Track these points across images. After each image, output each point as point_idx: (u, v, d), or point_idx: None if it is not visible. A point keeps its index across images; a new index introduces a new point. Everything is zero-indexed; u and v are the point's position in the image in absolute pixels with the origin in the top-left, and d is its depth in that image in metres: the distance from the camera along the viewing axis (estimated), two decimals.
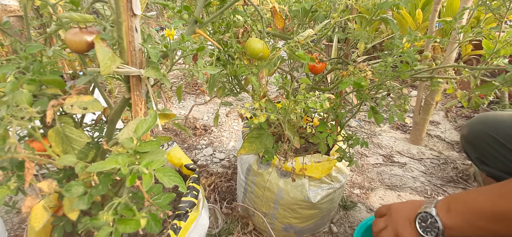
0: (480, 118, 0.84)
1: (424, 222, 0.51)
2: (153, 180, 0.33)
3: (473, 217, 0.45)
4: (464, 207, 0.47)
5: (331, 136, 0.67)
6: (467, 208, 0.46)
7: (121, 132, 0.37)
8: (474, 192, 0.49)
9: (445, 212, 0.49)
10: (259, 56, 0.54)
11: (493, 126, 0.78)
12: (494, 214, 0.43)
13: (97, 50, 0.31)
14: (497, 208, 0.43)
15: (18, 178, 0.38)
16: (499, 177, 0.80)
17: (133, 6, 0.33)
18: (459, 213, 0.47)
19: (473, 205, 0.46)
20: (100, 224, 0.32)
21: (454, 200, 0.49)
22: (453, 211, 0.48)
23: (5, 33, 0.47)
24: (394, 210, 0.57)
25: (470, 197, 0.48)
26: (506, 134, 0.73)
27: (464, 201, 0.48)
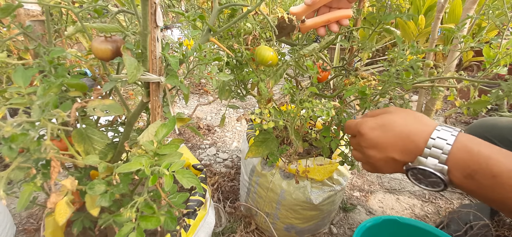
0: (480, 122, 0.87)
1: (423, 175, 0.37)
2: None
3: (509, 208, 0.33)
4: (500, 191, 0.32)
5: (334, 141, 0.69)
6: (504, 195, 0.32)
7: (142, 135, 0.39)
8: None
9: (464, 177, 0.35)
10: (268, 64, 0.57)
11: (490, 129, 0.82)
12: None
13: (124, 60, 0.33)
14: None
15: (43, 175, 0.40)
16: None
17: (157, 19, 0.36)
18: (488, 191, 0.33)
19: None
20: (123, 220, 0.35)
21: (490, 177, 0.33)
22: (479, 183, 0.34)
23: (28, 37, 0.49)
24: (371, 142, 0.41)
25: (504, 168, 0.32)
26: (501, 136, 0.77)
27: (506, 185, 0.32)
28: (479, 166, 0.33)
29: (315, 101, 0.51)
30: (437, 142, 0.35)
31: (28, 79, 0.35)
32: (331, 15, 0.55)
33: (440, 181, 0.36)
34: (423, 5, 2.34)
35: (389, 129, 0.39)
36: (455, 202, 1.21)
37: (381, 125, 0.40)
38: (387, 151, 0.40)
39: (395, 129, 0.39)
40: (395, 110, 0.42)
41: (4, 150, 0.29)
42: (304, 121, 0.59)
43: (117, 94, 0.49)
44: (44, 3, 0.41)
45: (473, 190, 0.35)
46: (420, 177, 0.38)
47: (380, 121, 0.41)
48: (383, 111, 0.43)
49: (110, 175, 0.42)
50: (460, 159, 0.34)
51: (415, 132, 0.37)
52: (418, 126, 0.38)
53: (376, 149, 0.41)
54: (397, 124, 0.39)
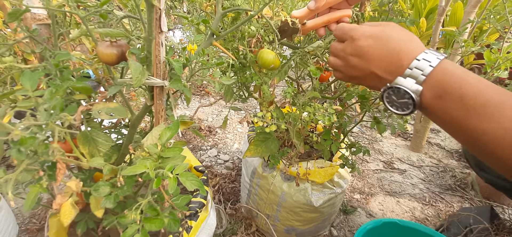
0: None
1: (397, 96, 0.37)
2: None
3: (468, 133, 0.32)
4: (464, 114, 0.32)
5: (335, 143, 0.70)
6: (466, 118, 0.32)
7: (146, 138, 0.40)
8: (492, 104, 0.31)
9: (433, 97, 0.35)
10: (271, 67, 0.58)
11: None
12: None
13: (130, 65, 0.34)
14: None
15: (48, 177, 0.41)
16: (497, 183, 0.84)
17: (162, 24, 0.36)
18: (453, 112, 0.33)
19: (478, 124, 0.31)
20: (127, 222, 0.36)
21: (458, 97, 0.33)
22: (446, 104, 0.34)
23: (34, 40, 0.50)
24: (359, 50, 0.39)
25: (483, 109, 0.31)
26: None
27: (470, 107, 0.32)
28: (450, 86, 0.33)
29: (317, 105, 0.51)
30: (420, 63, 0.35)
31: (36, 83, 0.36)
32: (331, 16, 0.55)
33: (411, 103, 0.36)
34: (425, 8, 2.34)
35: (383, 42, 0.38)
36: (455, 206, 1.21)
37: (377, 35, 0.39)
38: (371, 64, 0.39)
39: (388, 44, 0.38)
40: (394, 26, 0.40)
41: (13, 153, 0.30)
42: (305, 124, 0.60)
43: (121, 96, 0.49)
44: (50, 8, 0.42)
45: (439, 113, 0.35)
46: (393, 98, 0.38)
47: (377, 31, 0.39)
48: (382, 24, 0.42)
49: (114, 177, 0.43)
50: (435, 80, 0.35)
51: (405, 51, 0.37)
52: (410, 45, 0.37)
53: (362, 59, 0.40)
54: (392, 39, 0.38)
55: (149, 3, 0.33)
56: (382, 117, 0.68)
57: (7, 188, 0.32)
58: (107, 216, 0.44)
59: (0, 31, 0.83)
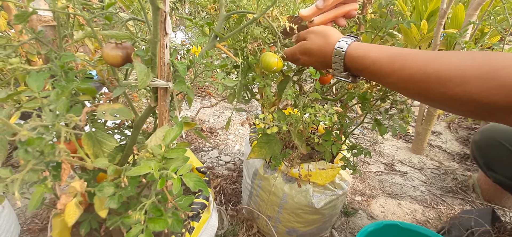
0: (493, 125, 0.88)
1: (335, 71, 0.51)
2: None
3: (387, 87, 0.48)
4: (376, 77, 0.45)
5: (336, 145, 0.70)
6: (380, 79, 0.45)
7: (150, 139, 0.40)
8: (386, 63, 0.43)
9: (357, 73, 0.48)
10: (273, 70, 0.58)
11: (503, 133, 0.82)
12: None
13: (135, 67, 0.34)
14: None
15: (53, 177, 0.41)
16: (505, 184, 0.84)
17: (167, 27, 0.37)
18: (372, 78, 0.47)
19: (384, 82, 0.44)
20: (131, 222, 0.36)
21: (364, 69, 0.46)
22: (364, 75, 0.48)
23: (40, 42, 0.51)
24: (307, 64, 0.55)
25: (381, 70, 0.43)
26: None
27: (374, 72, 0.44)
28: (357, 64, 0.46)
29: (318, 107, 0.52)
30: (337, 51, 0.48)
31: (42, 84, 0.37)
32: (338, 11, 0.56)
33: (346, 75, 0.50)
34: (426, 10, 2.35)
35: (309, 55, 0.54)
36: (457, 208, 1.21)
37: (303, 52, 0.55)
38: (313, 65, 0.54)
39: (313, 56, 0.53)
40: (312, 36, 0.54)
41: (20, 153, 0.30)
42: (307, 126, 0.60)
43: (125, 97, 0.50)
44: (56, 10, 0.42)
45: (366, 77, 0.50)
46: (336, 73, 0.51)
47: (302, 49, 0.55)
48: (305, 36, 0.56)
49: (118, 178, 0.43)
50: (348, 65, 0.48)
51: (325, 53, 0.51)
52: (327, 48, 0.50)
53: (307, 63, 0.55)
54: (313, 51, 0.53)
55: (155, 6, 0.33)
56: (383, 118, 0.69)
57: (13, 188, 0.32)
58: (111, 217, 0.44)
59: (4, 31, 0.84)
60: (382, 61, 0.43)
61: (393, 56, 0.42)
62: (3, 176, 0.32)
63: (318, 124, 0.63)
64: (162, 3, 0.33)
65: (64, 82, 0.43)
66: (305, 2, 1.11)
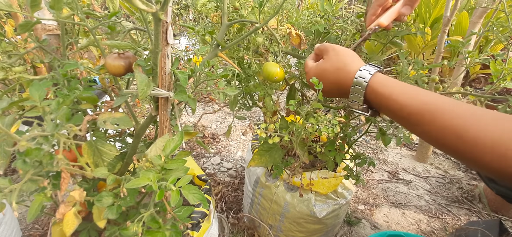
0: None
1: (352, 103, 0.47)
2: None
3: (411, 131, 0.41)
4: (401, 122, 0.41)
5: (340, 155, 0.69)
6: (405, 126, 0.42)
7: (150, 149, 0.40)
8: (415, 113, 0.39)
9: (378, 108, 0.45)
10: (275, 79, 0.58)
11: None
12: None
13: (136, 77, 0.34)
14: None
15: (53, 186, 0.41)
16: (508, 195, 0.82)
17: (168, 37, 0.37)
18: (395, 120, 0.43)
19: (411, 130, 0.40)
20: (129, 234, 0.35)
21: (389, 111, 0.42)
22: (387, 113, 0.44)
23: (44, 50, 0.51)
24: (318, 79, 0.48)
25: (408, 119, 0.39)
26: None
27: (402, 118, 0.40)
28: (380, 102, 0.42)
29: (320, 116, 0.51)
30: (358, 80, 0.44)
31: (44, 93, 0.37)
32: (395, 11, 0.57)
33: (365, 108, 0.45)
34: (429, 17, 2.34)
35: (324, 78, 0.48)
36: (463, 219, 1.19)
37: (319, 74, 0.49)
38: (329, 93, 0.50)
39: (328, 79, 0.48)
40: (331, 55, 0.49)
41: (19, 164, 0.30)
42: (309, 135, 0.59)
43: (126, 105, 0.50)
44: (60, 19, 0.43)
45: (385, 114, 0.45)
46: (352, 106, 0.47)
47: (318, 70, 0.49)
48: (323, 52, 0.51)
49: (117, 187, 0.43)
50: (370, 99, 0.44)
51: (342, 79, 0.46)
52: (343, 74, 0.46)
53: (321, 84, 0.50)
54: (329, 72, 0.48)
55: (156, 17, 0.33)
56: (388, 128, 0.68)
57: (11, 198, 0.32)
58: (109, 227, 0.44)
59: (11, 38, 0.85)
60: (412, 109, 0.38)
61: (424, 106, 0.38)
62: (2, 186, 0.32)
63: (321, 133, 0.63)
64: (164, 14, 0.33)
65: (66, 91, 0.43)
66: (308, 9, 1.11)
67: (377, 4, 0.57)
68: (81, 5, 0.55)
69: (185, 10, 2.73)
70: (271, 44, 0.65)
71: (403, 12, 0.57)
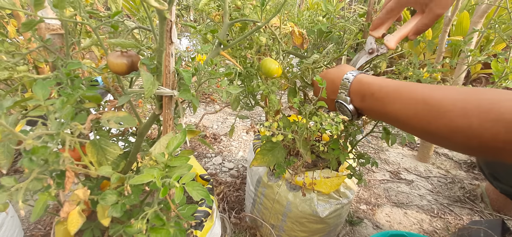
0: None
1: (341, 109, 0.53)
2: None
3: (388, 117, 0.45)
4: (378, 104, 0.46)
5: (343, 154, 0.69)
6: (382, 107, 0.45)
7: (154, 147, 0.40)
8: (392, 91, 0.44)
9: (360, 101, 0.49)
10: (274, 76, 0.58)
11: None
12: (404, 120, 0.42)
13: (142, 75, 0.35)
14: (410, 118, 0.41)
15: (57, 185, 0.41)
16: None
17: (172, 36, 0.37)
18: (374, 106, 0.47)
19: (389, 108, 0.44)
20: (133, 231, 0.35)
21: (370, 95, 0.47)
22: (367, 102, 0.48)
23: (47, 50, 0.51)
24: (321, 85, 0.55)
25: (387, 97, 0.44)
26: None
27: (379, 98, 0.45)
28: (363, 90, 0.48)
29: (324, 115, 0.51)
30: (344, 82, 0.51)
31: (48, 92, 0.37)
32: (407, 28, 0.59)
33: (348, 109, 0.51)
34: None
35: (327, 76, 0.56)
36: (465, 218, 1.18)
37: (323, 75, 0.58)
38: (327, 92, 0.55)
39: (328, 75, 0.56)
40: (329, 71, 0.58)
41: (25, 162, 0.30)
42: (311, 133, 0.59)
43: (129, 105, 0.50)
44: (64, 19, 0.43)
45: (368, 111, 0.49)
46: (340, 109, 0.52)
47: (324, 72, 0.59)
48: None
49: (121, 185, 0.43)
50: (355, 89, 0.50)
51: (336, 77, 0.54)
52: (338, 73, 0.54)
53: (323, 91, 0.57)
54: (329, 73, 0.56)
55: (161, 16, 0.33)
56: (392, 127, 0.68)
57: (18, 196, 0.32)
58: (113, 225, 0.44)
59: (13, 38, 0.86)
60: (389, 88, 0.44)
61: (399, 85, 0.44)
62: (7, 184, 0.32)
63: (324, 132, 0.63)
64: (168, 13, 0.33)
65: (70, 90, 0.44)
66: (308, 9, 1.11)
67: (386, 14, 0.58)
68: (84, 4, 0.55)
69: (186, 10, 2.73)
70: (274, 43, 0.66)
71: (411, 38, 0.59)
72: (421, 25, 0.56)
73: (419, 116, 0.39)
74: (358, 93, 0.49)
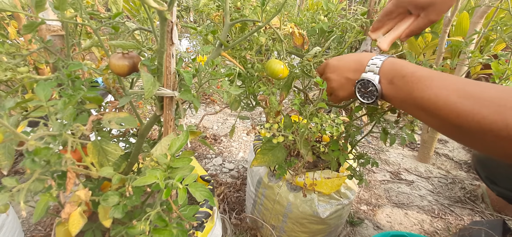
0: None
1: (364, 88, 0.49)
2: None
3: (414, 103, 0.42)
4: (407, 88, 0.43)
5: (343, 155, 0.69)
6: (410, 92, 0.42)
7: (155, 148, 0.40)
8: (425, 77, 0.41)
9: (387, 83, 0.46)
10: (279, 77, 0.58)
11: None
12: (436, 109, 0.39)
13: (142, 76, 0.35)
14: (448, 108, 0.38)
15: (58, 186, 0.41)
16: (508, 197, 0.82)
17: (173, 37, 0.37)
18: (401, 90, 0.44)
19: (418, 94, 0.41)
20: (136, 232, 0.35)
21: (401, 77, 0.44)
22: (396, 85, 0.45)
23: (48, 51, 0.51)
24: (333, 68, 0.54)
25: (419, 82, 0.41)
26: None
27: (410, 82, 0.43)
28: (395, 71, 0.45)
29: (324, 116, 0.51)
30: (374, 61, 0.49)
31: (50, 93, 0.37)
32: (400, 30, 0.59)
33: (374, 89, 0.47)
34: None
35: (345, 58, 0.54)
36: (466, 219, 1.18)
37: (340, 58, 0.55)
38: (343, 72, 0.53)
39: (349, 57, 0.54)
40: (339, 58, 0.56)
41: (27, 163, 0.30)
42: (312, 134, 0.59)
43: (130, 105, 0.50)
44: (64, 20, 0.43)
45: (393, 94, 0.46)
46: (362, 89, 0.49)
47: (339, 56, 0.56)
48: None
49: (122, 187, 0.43)
50: (385, 69, 0.47)
51: (362, 57, 0.52)
52: (363, 55, 0.52)
53: (335, 72, 0.54)
54: (350, 55, 0.55)
55: (162, 17, 0.33)
56: (391, 128, 0.68)
57: (19, 197, 0.32)
58: (115, 226, 0.44)
59: (14, 39, 0.85)
60: (422, 73, 0.41)
61: (432, 72, 0.41)
62: (9, 185, 0.32)
63: (324, 133, 0.63)
64: (169, 14, 0.33)
65: (71, 91, 0.44)
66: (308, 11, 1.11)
67: (384, 16, 0.59)
68: (85, 6, 0.55)
69: (186, 11, 2.74)
70: (274, 43, 0.66)
71: (402, 40, 0.60)
72: (414, 28, 0.56)
73: (449, 108, 0.36)
74: (388, 73, 0.46)
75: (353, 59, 0.53)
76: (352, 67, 0.52)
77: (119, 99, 0.42)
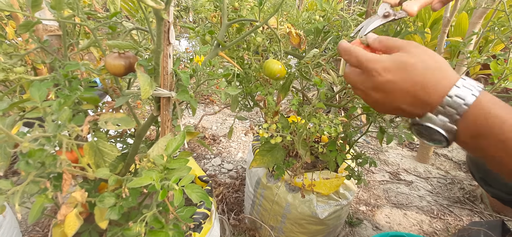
0: None
1: (427, 132, 0.33)
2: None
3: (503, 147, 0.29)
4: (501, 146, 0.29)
5: (341, 155, 0.69)
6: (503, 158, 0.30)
7: (152, 149, 0.40)
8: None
9: (469, 137, 0.32)
10: (277, 77, 0.58)
11: None
12: None
13: (138, 77, 0.34)
14: None
15: (54, 187, 0.41)
16: (503, 198, 0.81)
17: (170, 37, 0.37)
18: (488, 150, 0.31)
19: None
20: (132, 234, 0.35)
21: (496, 140, 0.30)
22: (481, 144, 0.31)
23: (45, 51, 0.51)
24: (382, 84, 0.34)
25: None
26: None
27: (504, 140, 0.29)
28: (490, 128, 0.30)
29: (322, 116, 0.51)
30: (454, 100, 0.31)
31: (45, 93, 0.37)
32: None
33: (443, 140, 0.32)
34: (429, 18, 2.35)
35: (405, 74, 0.33)
36: (465, 219, 1.18)
37: (397, 67, 0.33)
38: (395, 99, 0.34)
39: (412, 76, 0.32)
40: (415, 50, 0.34)
41: (22, 165, 0.30)
42: (310, 135, 0.59)
43: (127, 106, 0.50)
44: (61, 20, 0.43)
45: (476, 150, 0.32)
46: (423, 132, 0.34)
47: (397, 62, 0.33)
48: (399, 46, 0.35)
49: (119, 188, 0.43)
50: (471, 120, 0.31)
51: (433, 83, 0.32)
52: (438, 76, 0.32)
53: (384, 93, 0.35)
54: (416, 68, 0.32)
55: (159, 17, 0.33)
56: (388, 127, 0.67)
57: (14, 200, 0.32)
58: (111, 227, 0.44)
59: (12, 39, 0.85)
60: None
61: None
62: (4, 188, 0.32)
63: (323, 133, 0.62)
64: (166, 13, 0.33)
65: (68, 91, 0.43)
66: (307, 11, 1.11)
67: None
68: (82, 6, 0.55)
69: (185, 12, 2.74)
70: (271, 44, 0.65)
71: (434, 7, 0.47)
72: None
73: None
74: (474, 126, 0.31)
75: (415, 84, 0.33)
76: (410, 96, 0.33)
77: (116, 100, 0.42)
